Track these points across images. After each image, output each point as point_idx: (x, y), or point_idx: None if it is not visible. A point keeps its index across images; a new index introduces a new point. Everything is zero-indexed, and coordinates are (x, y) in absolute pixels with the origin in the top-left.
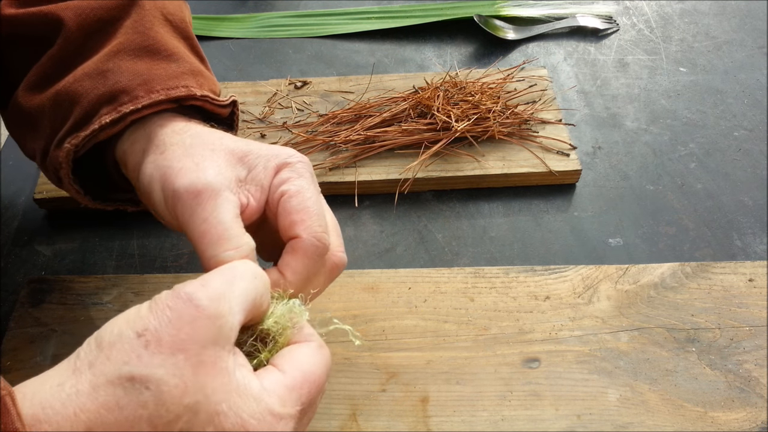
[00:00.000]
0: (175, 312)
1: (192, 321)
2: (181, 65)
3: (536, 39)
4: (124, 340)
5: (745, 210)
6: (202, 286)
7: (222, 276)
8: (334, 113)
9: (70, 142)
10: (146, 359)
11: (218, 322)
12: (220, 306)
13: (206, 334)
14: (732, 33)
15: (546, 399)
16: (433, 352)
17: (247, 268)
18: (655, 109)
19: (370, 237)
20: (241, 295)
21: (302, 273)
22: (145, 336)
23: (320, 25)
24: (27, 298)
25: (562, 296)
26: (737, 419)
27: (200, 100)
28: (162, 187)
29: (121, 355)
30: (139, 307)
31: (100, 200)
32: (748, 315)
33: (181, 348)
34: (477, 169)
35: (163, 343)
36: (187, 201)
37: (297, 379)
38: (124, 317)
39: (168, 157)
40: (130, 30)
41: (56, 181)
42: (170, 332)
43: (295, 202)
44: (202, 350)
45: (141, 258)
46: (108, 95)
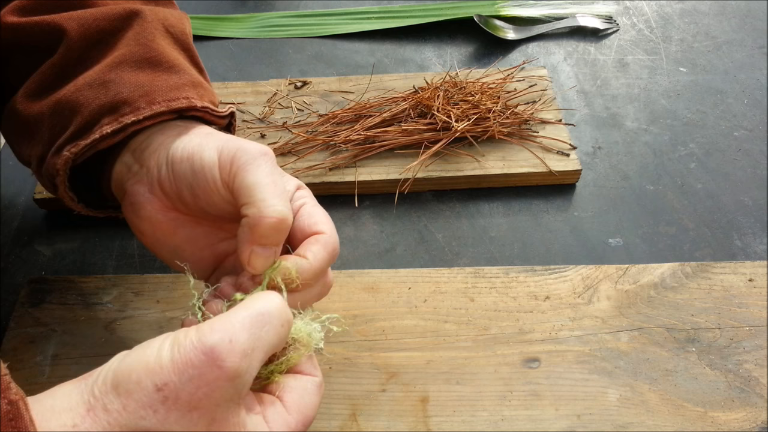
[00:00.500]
0: (197, 371)
1: (212, 382)
2: (182, 77)
3: (536, 39)
4: (142, 390)
5: (745, 210)
6: (230, 342)
7: (252, 327)
8: (334, 113)
9: (69, 150)
10: (162, 416)
11: (237, 381)
12: (242, 365)
13: (224, 394)
14: (732, 33)
15: (546, 399)
16: (433, 352)
17: (281, 314)
18: (655, 109)
19: (370, 237)
20: (268, 346)
21: (321, 261)
22: (163, 391)
23: (320, 25)
24: (27, 298)
25: (562, 296)
26: (737, 419)
27: (201, 111)
28: (220, 147)
29: (138, 409)
30: (161, 351)
31: (92, 208)
32: (748, 315)
33: (197, 406)
34: (477, 169)
35: (180, 400)
36: (254, 155)
37: (298, 420)
38: (144, 364)
39: (221, 137)
40: (132, 41)
41: (51, 188)
42: (189, 390)
43: (318, 210)
44: (216, 408)
45: (141, 258)
46: (109, 105)
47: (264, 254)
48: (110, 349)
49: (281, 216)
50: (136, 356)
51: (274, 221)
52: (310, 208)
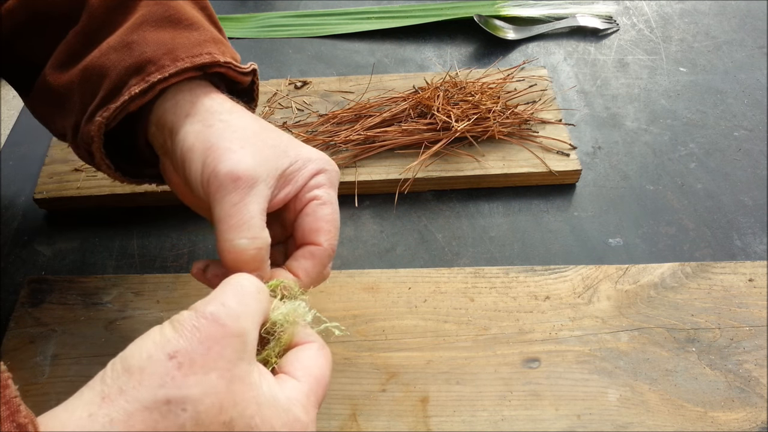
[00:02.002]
0: (203, 332)
1: (220, 339)
2: (203, 33)
3: (536, 39)
4: (155, 363)
5: (745, 210)
6: (223, 305)
7: (236, 295)
8: (334, 113)
9: (101, 115)
10: (180, 380)
11: (243, 338)
12: (242, 323)
13: (234, 351)
14: (732, 33)
15: (546, 399)
16: (433, 352)
17: (253, 285)
18: (655, 109)
19: (370, 237)
20: (256, 312)
21: (313, 277)
22: (176, 358)
23: (320, 25)
24: (27, 298)
25: (562, 296)
26: (737, 419)
27: (224, 66)
28: (204, 161)
29: (154, 379)
30: (162, 329)
31: (129, 176)
32: (748, 315)
33: (214, 367)
34: (477, 169)
35: (196, 363)
36: (225, 183)
37: (312, 385)
38: (150, 340)
39: (214, 132)
40: (151, 2)
41: (88, 158)
42: (201, 352)
43: (326, 211)
44: (232, 367)
45: (141, 258)
46: (135, 66)
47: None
48: (110, 349)
49: (234, 251)
50: (140, 340)
51: (231, 256)
52: (317, 208)
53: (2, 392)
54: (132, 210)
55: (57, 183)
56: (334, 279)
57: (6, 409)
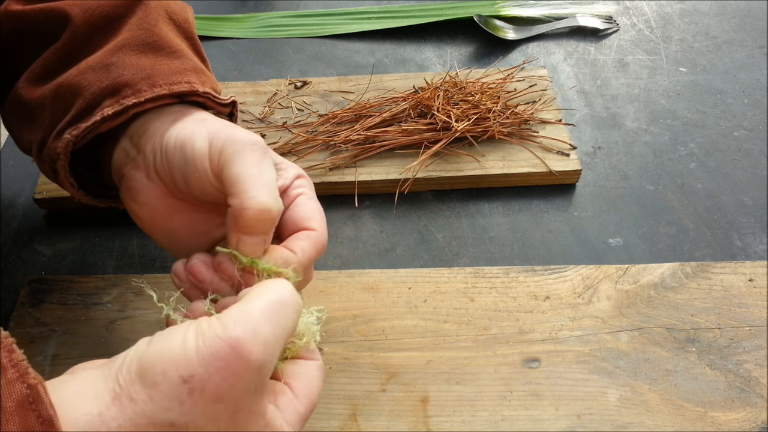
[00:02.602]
0: (224, 362)
1: (238, 373)
2: (184, 62)
3: (536, 39)
4: (168, 382)
5: (745, 210)
6: (253, 333)
7: (271, 318)
8: (334, 113)
9: (70, 133)
10: (188, 407)
11: (262, 371)
12: (266, 356)
13: (248, 385)
14: (732, 33)
15: (546, 399)
16: (433, 352)
17: (294, 301)
18: (655, 109)
19: (370, 237)
20: (286, 336)
21: (309, 257)
22: (190, 383)
23: (320, 25)
24: (27, 298)
25: (562, 296)
26: (737, 419)
27: (202, 96)
28: (211, 136)
29: (164, 400)
30: (185, 341)
31: (92, 196)
32: (748, 315)
33: (223, 397)
34: (477, 169)
35: (207, 392)
36: (243, 145)
37: (306, 407)
38: (169, 353)
39: (212, 123)
40: (135, 27)
41: (51, 174)
42: (216, 382)
43: (313, 204)
44: (241, 398)
45: (141, 258)
46: (111, 88)
47: (251, 242)
48: (110, 349)
49: (262, 207)
50: (160, 345)
51: (256, 212)
52: (306, 201)
53: (10, 356)
54: None
55: (51, 181)
56: (334, 279)
57: (15, 371)
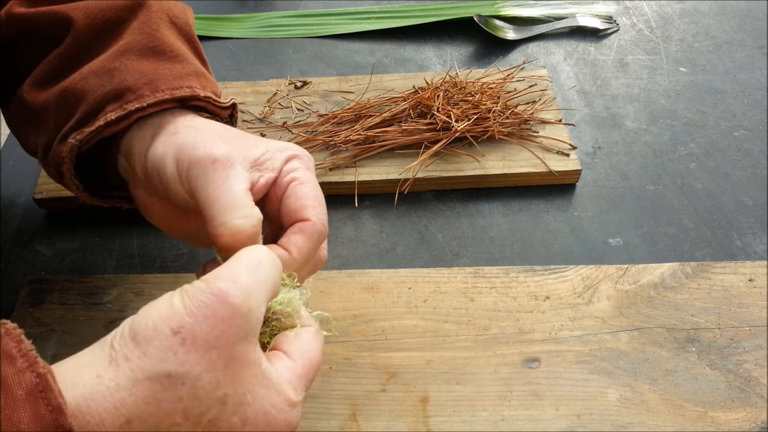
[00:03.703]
0: (210, 310)
1: (226, 319)
2: (186, 66)
3: (536, 39)
4: (160, 336)
5: (745, 210)
6: (234, 282)
7: (249, 270)
8: (334, 113)
9: (74, 137)
10: (182, 356)
11: (249, 317)
12: (250, 301)
13: (238, 330)
14: (732, 33)
15: (546, 399)
16: (433, 352)
17: (270, 259)
18: (655, 109)
19: (370, 237)
20: (267, 288)
21: (306, 253)
22: (180, 333)
23: (320, 25)
24: (27, 298)
25: (562, 296)
26: (737, 419)
27: (203, 101)
28: (177, 158)
29: (158, 352)
30: (171, 301)
31: (97, 197)
32: (748, 315)
33: (215, 345)
34: (477, 169)
35: (198, 340)
36: (204, 167)
37: (305, 367)
38: (158, 312)
39: (181, 137)
40: (136, 31)
41: (57, 177)
42: (205, 330)
43: (306, 189)
44: (233, 346)
45: (141, 258)
46: (114, 93)
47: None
48: None
49: (232, 232)
50: (149, 310)
51: (228, 237)
52: (297, 188)
53: (19, 346)
54: (132, 210)
55: (57, 183)
56: (334, 279)
57: (24, 360)
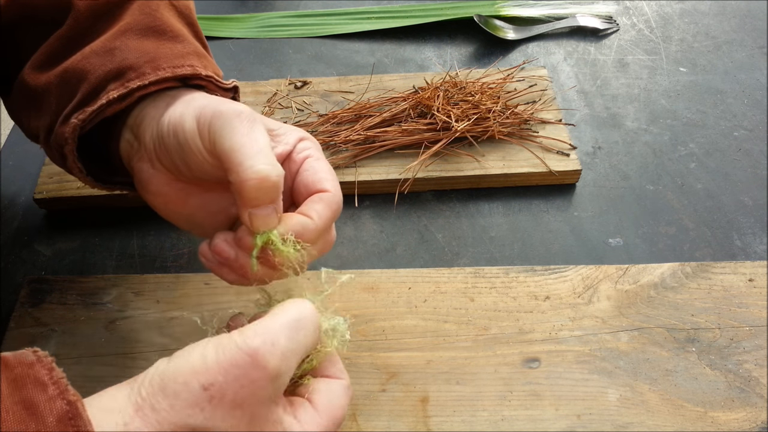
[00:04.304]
0: (242, 371)
1: (256, 381)
2: (186, 46)
3: (536, 39)
4: (189, 391)
5: (745, 210)
6: (272, 345)
7: (289, 331)
8: (334, 113)
9: (77, 117)
10: (208, 413)
11: (278, 381)
12: (283, 366)
13: (265, 393)
14: (732, 33)
15: (546, 399)
16: (433, 352)
17: (312, 319)
18: (655, 109)
19: (370, 237)
20: (301, 351)
21: (325, 220)
22: (209, 391)
23: (320, 25)
24: (27, 298)
25: (562, 296)
26: (737, 419)
27: (205, 80)
28: (198, 114)
29: (185, 408)
30: (204, 354)
31: (101, 182)
32: (748, 315)
33: (241, 405)
34: (477, 169)
35: (226, 399)
36: (229, 117)
37: (328, 421)
38: (190, 365)
39: (201, 101)
40: (137, 11)
41: (59, 160)
42: (234, 389)
43: (323, 164)
44: (259, 405)
45: (141, 258)
46: (115, 71)
47: (262, 214)
48: (110, 349)
49: (260, 175)
50: (180, 360)
51: (255, 182)
52: (314, 163)
53: (50, 373)
54: (132, 210)
55: (57, 183)
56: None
57: (55, 388)
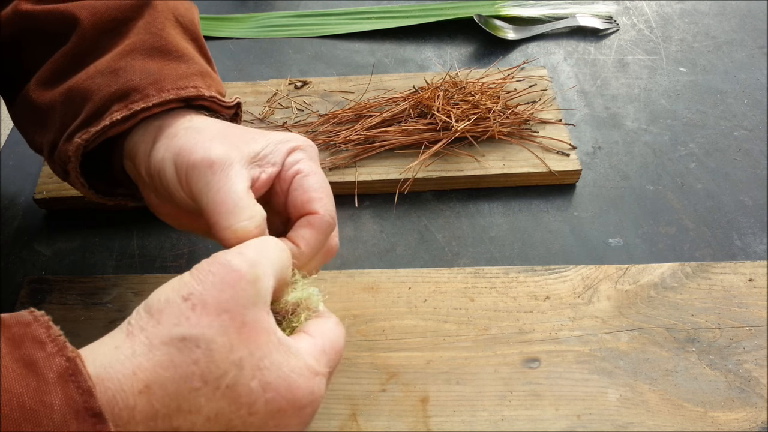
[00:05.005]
0: (217, 276)
1: (233, 284)
2: (191, 66)
3: (536, 39)
4: (172, 304)
5: (745, 210)
6: (239, 253)
7: (255, 246)
8: (334, 113)
9: (80, 137)
10: (194, 320)
11: (257, 284)
12: (257, 270)
13: (247, 295)
14: (732, 33)
15: (546, 399)
16: (433, 352)
17: (276, 241)
18: (655, 109)
19: (370, 237)
20: (273, 263)
21: (315, 246)
22: (191, 300)
23: (320, 25)
24: (27, 298)
25: (562, 296)
26: (737, 419)
27: (208, 100)
28: (176, 163)
29: (171, 319)
30: (181, 276)
31: (102, 194)
32: (748, 315)
33: (225, 309)
34: (477, 169)
35: (208, 305)
36: (202, 171)
37: (326, 345)
38: (169, 285)
39: (180, 139)
40: (142, 30)
41: (62, 175)
42: (214, 295)
43: (312, 181)
44: (244, 311)
45: (141, 258)
46: (120, 93)
47: None
48: None
49: (236, 236)
50: (162, 287)
51: (235, 239)
52: (303, 180)
53: (48, 332)
54: (132, 210)
55: (57, 183)
56: (334, 279)
57: (54, 345)
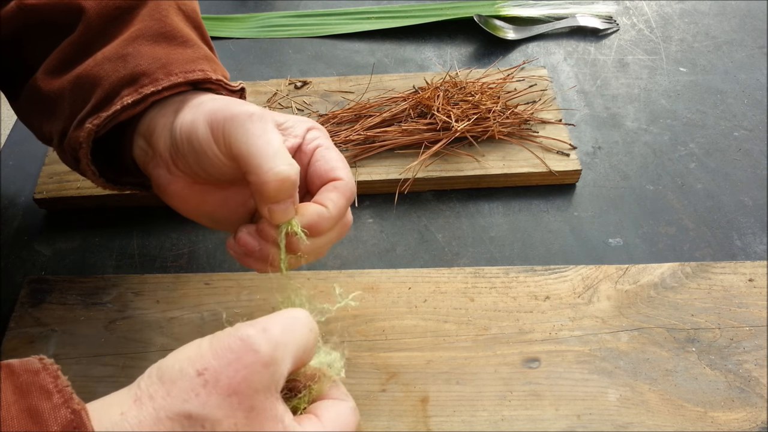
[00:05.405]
0: (235, 354)
1: (248, 365)
2: (197, 51)
3: (536, 39)
4: (184, 377)
5: (745, 210)
6: (263, 331)
7: (282, 325)
8: (334, 113)
9: (91, 122)
10: (204, 398)
11: (272, 369)
12: (276, 354)
13: (260, 380)
14: (732, 33)
15: (546, 399)
16: (433, 352)
17: (306, 319)
18: (655, 109)
19: (370, 237)
20: (296, 345)
21: (340, 208)
22: (204, 375)
23: (320, 25)
24: (27, 298)
25: (562, 296)
26: (737, 419)
27: (215, 83)
28: (210, 120)
29: (181, 393)
30: (200, 343)
31: (113, 183)
32: (748, 315)
33: (237, 390)
34: (477, 169)
35: (220, 384)
36: (242, 120)
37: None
38: (185, 353)
39: (209, 104)
40: (147, 17)
41: (73, 163)
42: (228, 374)
43: (333, 153)
44: (254, 395)
45: (141, 258)
46: (129, 78)
47: (280, 209)
48: (110, 349)
49: (280, 177)
50: (178, 352)
51: (275, 183)
52: (325, 152)
53: (56, 381)
54: (132, 210)
55: (57, 183)
56: (334, 279)
57: (60, 396)
